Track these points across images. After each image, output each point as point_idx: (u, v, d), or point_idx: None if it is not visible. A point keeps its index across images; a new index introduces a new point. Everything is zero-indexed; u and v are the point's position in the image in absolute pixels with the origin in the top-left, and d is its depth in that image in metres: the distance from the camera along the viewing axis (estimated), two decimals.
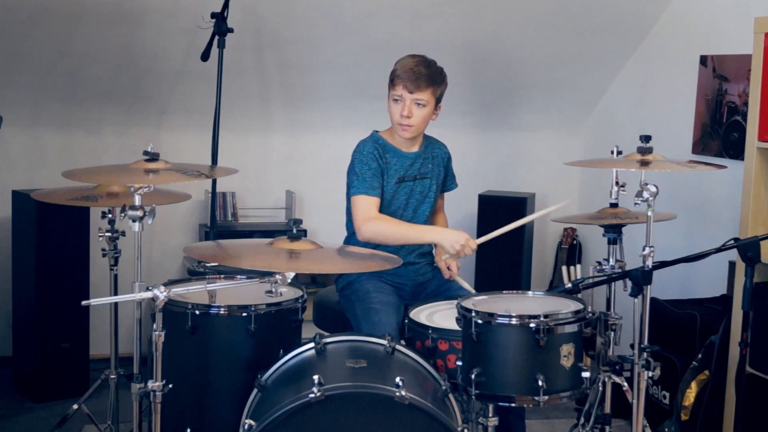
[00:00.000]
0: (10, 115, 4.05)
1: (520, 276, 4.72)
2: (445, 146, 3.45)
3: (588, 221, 3.23)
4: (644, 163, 2.80)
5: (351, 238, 3.34)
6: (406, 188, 3.29)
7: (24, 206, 4.11)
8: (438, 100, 3.25)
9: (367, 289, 3.18)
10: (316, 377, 2.33)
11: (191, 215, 4.78)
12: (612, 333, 3.02)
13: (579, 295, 2.77)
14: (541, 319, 2.48)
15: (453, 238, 3.10)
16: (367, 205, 3.17)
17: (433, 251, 3.40)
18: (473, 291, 3.13)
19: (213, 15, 3.91)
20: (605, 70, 4.88)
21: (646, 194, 2.70)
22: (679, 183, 4.32)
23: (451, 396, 2.54)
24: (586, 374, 2.55)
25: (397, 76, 3.19)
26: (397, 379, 2.35)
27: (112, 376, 3.38)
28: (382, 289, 3.20)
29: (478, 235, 4.77)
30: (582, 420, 3.17)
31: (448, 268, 3.29)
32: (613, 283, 3.04)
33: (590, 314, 2.61)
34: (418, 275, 3.33)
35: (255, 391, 2.55)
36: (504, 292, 2.87)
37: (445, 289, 3.29)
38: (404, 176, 3.28)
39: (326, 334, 2.73)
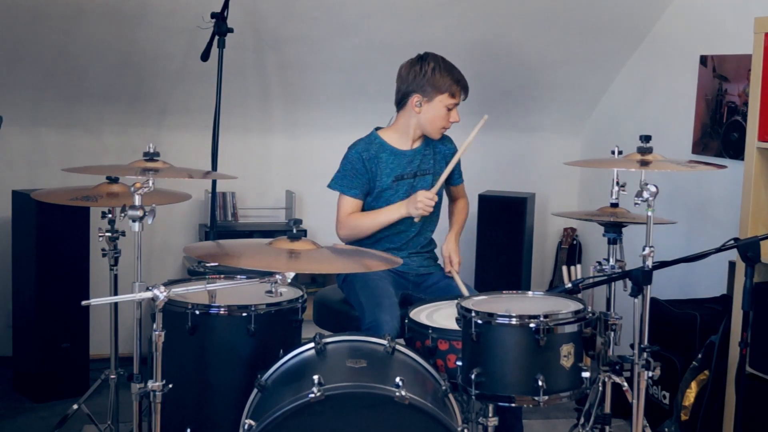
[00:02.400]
0: (10, 115, 4.05)
1: (520, 276, 4.71)
2: (452, 142, 3.47)
3: (587, 217, 3.24)
4: (644, 163, 2.80)
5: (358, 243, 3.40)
6: (406, 185, 3.31)
7: (24, 206, 4.11)
8: None
9: (367, 272, 3.25)
10: (316, 377, 2.33)
11: (191, 215, 4.78)
12: (612, 333, 3.01)
13: (579, 295, 2.77)
14: (541, 319, 2.48)
15: (410, 204, 3.25)
16: (345, 205, 3.33)
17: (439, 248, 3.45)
18: (466, 294, 3.16)
19: (213, 15, 3.91)
20: (605, 70, 4.88)
21: (646, 194, 2.70)
22: (679, 183, 4.32)
23: (451, 396, 2.54)
24: (586, 374, 2.56)
25: (461, 87, 3.29)
26: (397, 379, 2.35)
27: (112, 376, 3.38)
28: (383, 272, 3.27)
29: (478, 236, 4.80)
30: (582, 420, 3.17)
31: (450, 263, 3.37)
32: (613, 283, 3.04)
33: (590, 314, 2.61)
34: (420, 266, 3.40)
35: (255, 391, 2.55)
36: (504, 292, 2.88)
37: (446, 284, 3.33)
38: (402, 174, 3.31)
39: (326, 333, 2.73)
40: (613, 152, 3.08)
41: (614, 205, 3.16)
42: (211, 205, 4.15)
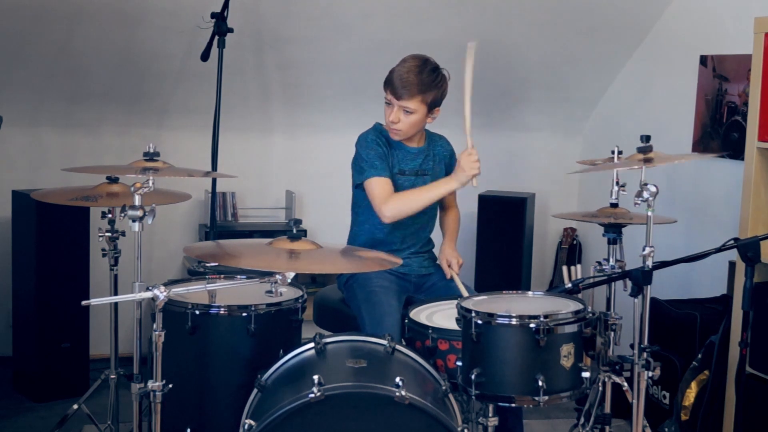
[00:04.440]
0: (10, 115, 4.05)
1: (520, 276, 4.72)
2: (448, 142, 3.46)
3: (587, 219, 3.24)
4: (647, 161, 2.79)
5: (357, 233, 3.37)
6: (407, 182, 3.30)
7: (24, 206, 4.12)
8: (432, 106, 3.24)
9: (369, 276, 3.23)
10: (316, 377, 2.33)
11: (191, 215, 4.78)
12: (612, 333, 3.01)
13: (579, 295, 2.76)
14: (541, 319, 2.48)
15: (458, 173, 3.16)
16: (381, 186, 3.21)
17: (436, 249, 3.43)
18: (466, 294, 3.11)
19: (213, 15, 3.91)
20: (605, 70, 4.88)
21: (646, 194, 2.70)
22: (678, 183, 4.32)
23: (451, 396, 2.54)
24: (586, 374, 2.55)
25: (387, 81, 3.21)
26: (397, 379, 2.35)
27: (112, 376, 3.38)
28: (385, 277, 3.25)
29: (478, 236, 4.80)
30: (582, 420, 3.17)
31: (449, 267, 3.33)
32: (613, 283, 3.04)
33: (590, 314, 2.61)
34: (421, 267, 3.38)
35: (255, 391, 2.55)
36: (504, 292, 2.87)
37: (446, 285, 3.33)
38: (404, 170, 3.29)
39: (326, 333, 2.73)
40: (613, 152, 3.08)
41: (614, 205, 3.16)
42: (211, 205, 4.15)
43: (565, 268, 3.03)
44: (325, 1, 4.22)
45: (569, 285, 2.78)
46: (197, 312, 2.72)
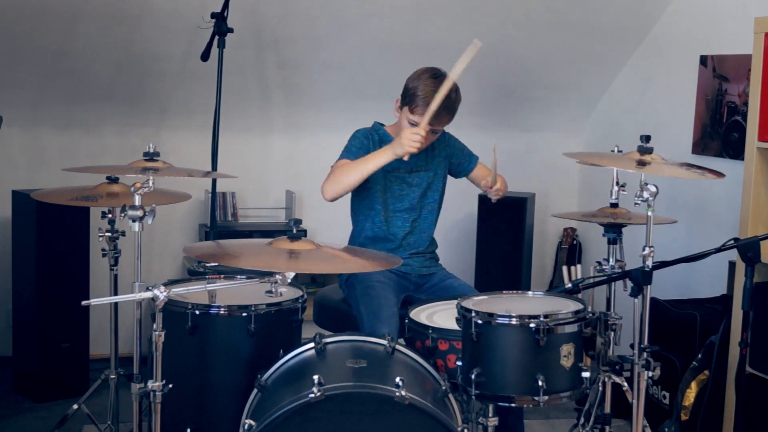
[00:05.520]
0: (10, 115, 4.05)
1: (520, 276, 4.71)
2: (445, 134, 3.41)
3: (587, 219, 3.24)
4: (641, 164, 2.79)
5: (357, 232, 3.39)
6: (398, 179, 3.30)
7: (24, 206, 4.11)
8: None
9: (370, 273, 3.23)
10: (316, 377, 2.33)
11: (191, 215, 4.78)
12: (612, 333, 3.01)
13: (579, 295, 2.77)
14: (541, 319, 2.48)
15: (395, 144, 3.10)
16: (337, 167, 3.22)
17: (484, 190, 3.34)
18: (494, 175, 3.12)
19: (213, 15, 3.91)
20: (605, 70, 4.88)
21: (646, 194, 2.70)
22: (679, 183, 4.32)
23: (451, 396, 2.54)
24: (586, 374, 2.56)
25: (417, 104, 3.14)
26: (397, 379, 2.35)
27: (112, 376, 3.38)
28: (385, 274, 3.25)
29: (478, 236, 4.80)
30: (582, 420, 3.17)
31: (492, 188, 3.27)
32: (613, 283, 3.04)
33: (590, 314, 2.61)
34: (422, 267, 3.38)
35: (255, 391, 2.55)
36: (504, 292, 2.87)
37: (447, 285, 3.33)
38: (398, 167, 3.27)
39: (326, 333, 2.73)
40: (612, 151, 3.08)
41: (614, 205, 3.16)
42: (211, 205, 4.15)
43: (565, 268, 3.03)
44: (325, 1, 4.22)
45: (569, 285, 2.78)
46: (197, 312, 2.72)
